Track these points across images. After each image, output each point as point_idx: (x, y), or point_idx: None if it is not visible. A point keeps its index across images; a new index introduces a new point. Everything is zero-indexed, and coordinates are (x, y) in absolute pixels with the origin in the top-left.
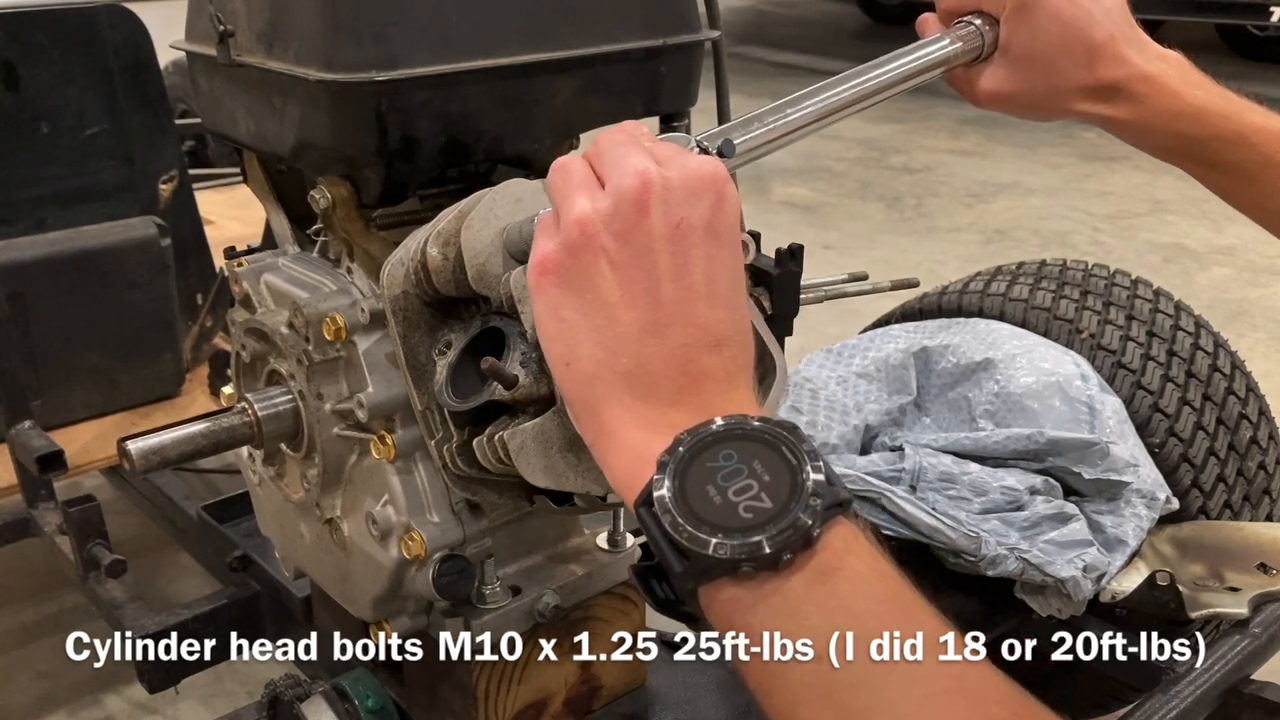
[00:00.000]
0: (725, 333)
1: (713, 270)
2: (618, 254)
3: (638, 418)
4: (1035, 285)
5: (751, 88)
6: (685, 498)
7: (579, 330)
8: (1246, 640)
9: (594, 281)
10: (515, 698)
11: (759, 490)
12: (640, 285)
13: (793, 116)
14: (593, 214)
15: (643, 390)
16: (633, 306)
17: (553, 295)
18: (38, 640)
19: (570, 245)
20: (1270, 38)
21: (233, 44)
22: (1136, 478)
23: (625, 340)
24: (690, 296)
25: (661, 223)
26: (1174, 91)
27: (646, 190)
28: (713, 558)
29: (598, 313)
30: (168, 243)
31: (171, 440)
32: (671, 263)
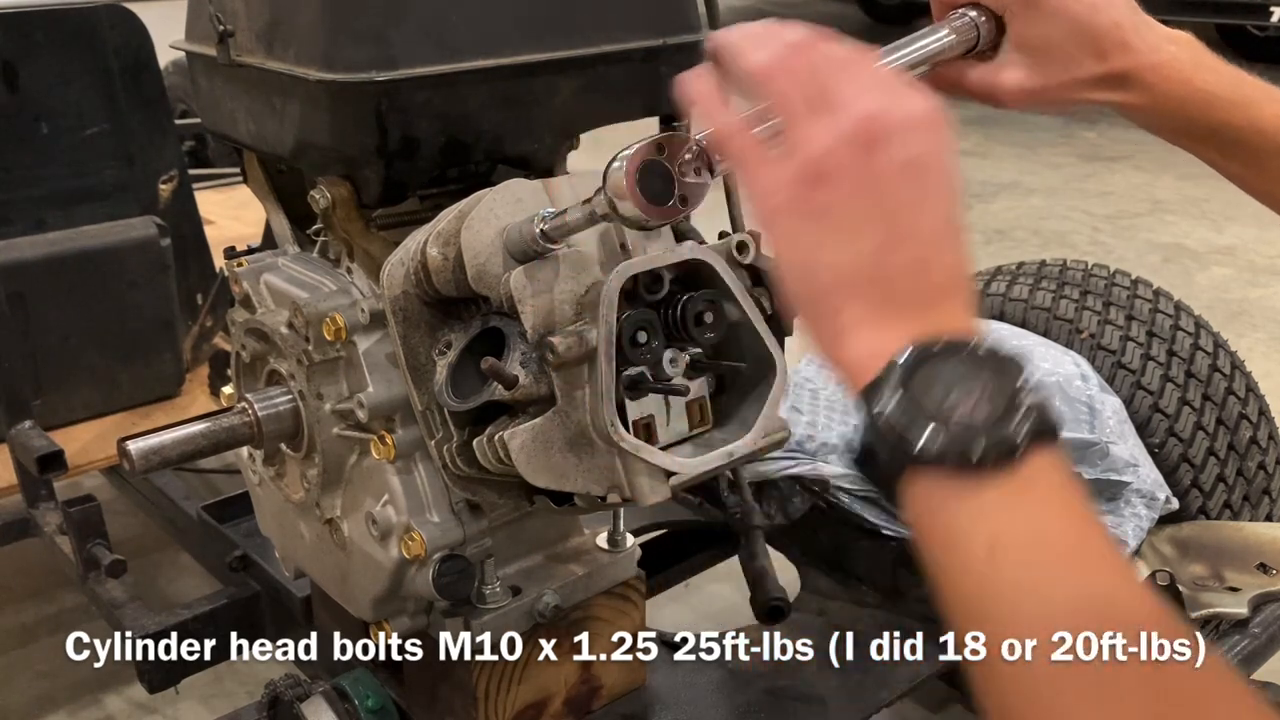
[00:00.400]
0: (955, 259)
1: (943, 200)
2: (858, 183)
3: (878, 318)
4: (1035, 285)
5: None
6: (908, 394)
7: (820, 249)
8: (1246, 640)
9: (834, 210)
10: (515, 698)
11: (979, 400)
12: (879, 211)
13: None
14: (832, 150)
15: (883, 295)
16: (874, 228)
17: (790, 222)
18: (38, 640)
19: (808, 178)
20: (1270, 38)
21: (233, 44)
22: (1136, 478)
23: (868, 254)
24: (926, 222)
25: (898, 156)
26: (1184, 78)
27: (880, 125)
28: (919, 449)
29: (840, 233)
30: (168, 243)
31: (171, 440)
32: (907, 192)
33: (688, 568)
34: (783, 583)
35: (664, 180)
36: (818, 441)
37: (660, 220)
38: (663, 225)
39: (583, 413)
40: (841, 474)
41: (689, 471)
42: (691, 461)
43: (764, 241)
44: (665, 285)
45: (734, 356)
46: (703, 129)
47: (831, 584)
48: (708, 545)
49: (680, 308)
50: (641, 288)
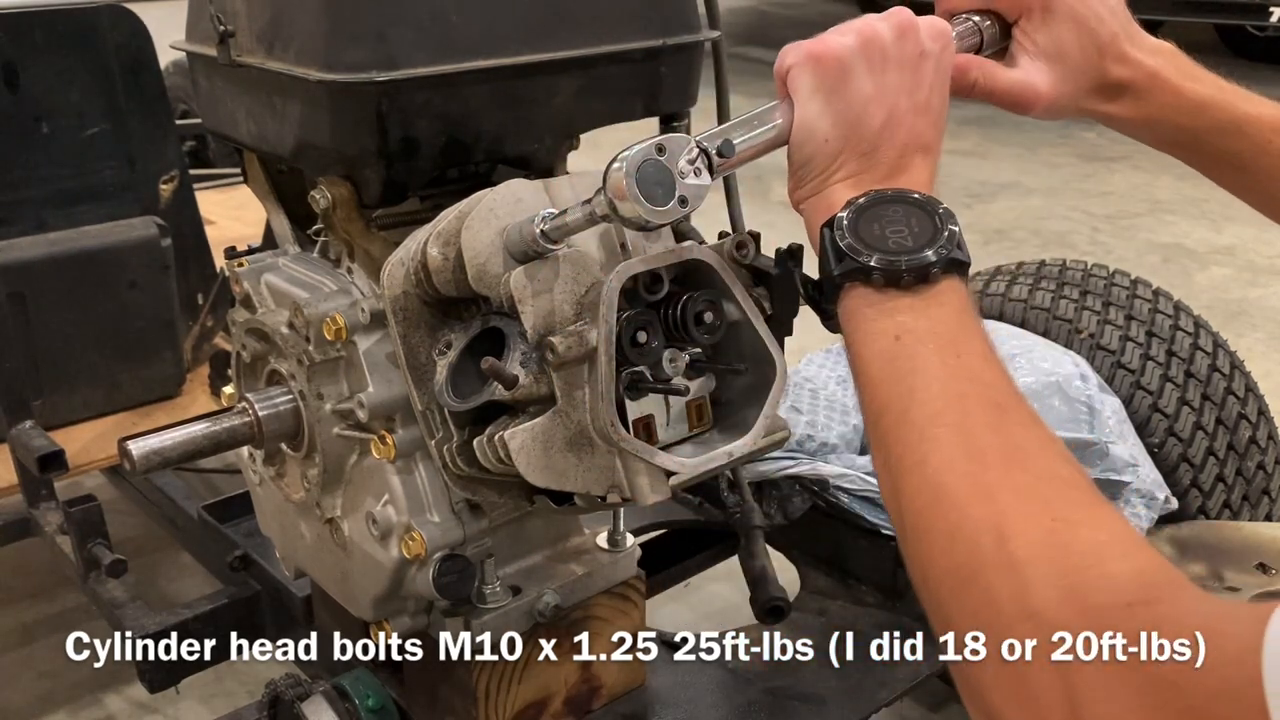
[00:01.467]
0: (933, 141)
1: (936, 94)
2: (884, 62)
3: (854, 183)
4: (1035, 285)
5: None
6: (856, 225)
7: (841, 114)
8: None
9: (861, 75)
10: (515, 698)
11: (907, 234)
12: (891, 91)
13: None
14: (878, 28)
15: (866, 165)
16: (882, 106)
17: (828, 78)
18: (38, 640)
19: (859, 43)
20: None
21: (233, 44)
22: (1136, 477)
23: (869, 130)
24: (919, 109)
25: (918, 47)
26: (1175, 87)
27: (913, 22)
28: (859, 262)
29: (856, 103)
30: (168, 243)
31: (172, 440)
32: (913, 80)
33: (688, 568)
34: (783, 583)
35: (664, 181)
36: (818, 441)
37: (660, 221)
38: (663, 226)
39: (583, 413)
40: (841, 474)
41: (689, 471)
42: (691, 461)
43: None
44: (665, 285)
45: (734, 357)
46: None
47: (831, 584)
48: (708, 545)
49: (680, 308)
50: (641, 288)
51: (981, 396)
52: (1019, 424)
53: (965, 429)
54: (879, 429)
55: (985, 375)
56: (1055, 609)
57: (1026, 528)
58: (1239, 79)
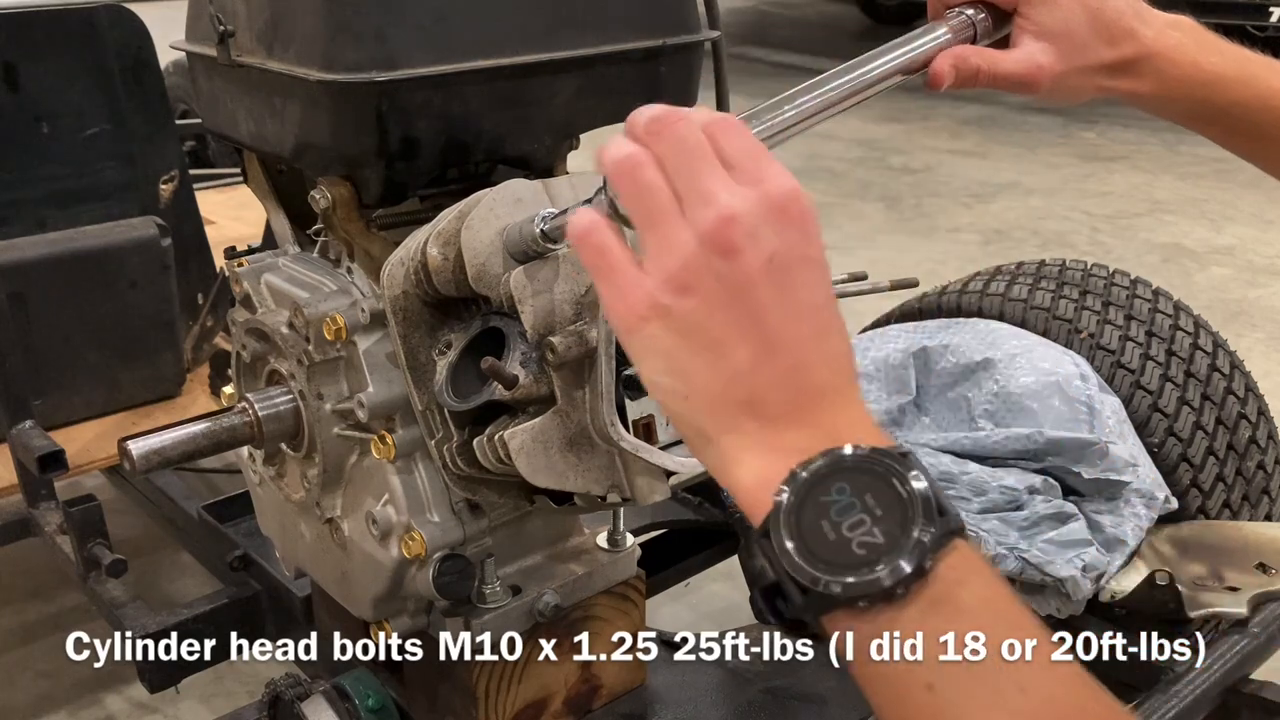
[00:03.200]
0: (831, 352)
1: (812, 294)
2: (719, 296)
3: (756, 443)
4: (1034, 285)
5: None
6: (801, 535)
7: (689, 367)
8: (1246, 640)
9: (699, 323)
10: (515, 697)
11: (871, 525)
12: (746, 321)
13: (790, 113)
14: (691, 256)
15: (758, 416)
16: (742, 341)
17: (659, 338)
18: (38, 640)
19: (675, 289)
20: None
21: (233, 44)
22: (1136, 477)
23: (738, 373)
24: (794, 323)
25: (755, 259)
26: (1192, 61)
27: (735, 227)
28: (829, 594)
29: (706, 350)
30: (168, 243)
31: (172, 440)
32: (771, 295)
33: (688, 568)
34: None
35: None
36: None
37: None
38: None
39: (583, 412)
40: None
41: (689, 471)
42: (691, 461)
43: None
44: None
45: None
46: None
47: None
48: (708, 545)
49: None
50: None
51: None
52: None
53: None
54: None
55: (1057, 693)
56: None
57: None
58: None
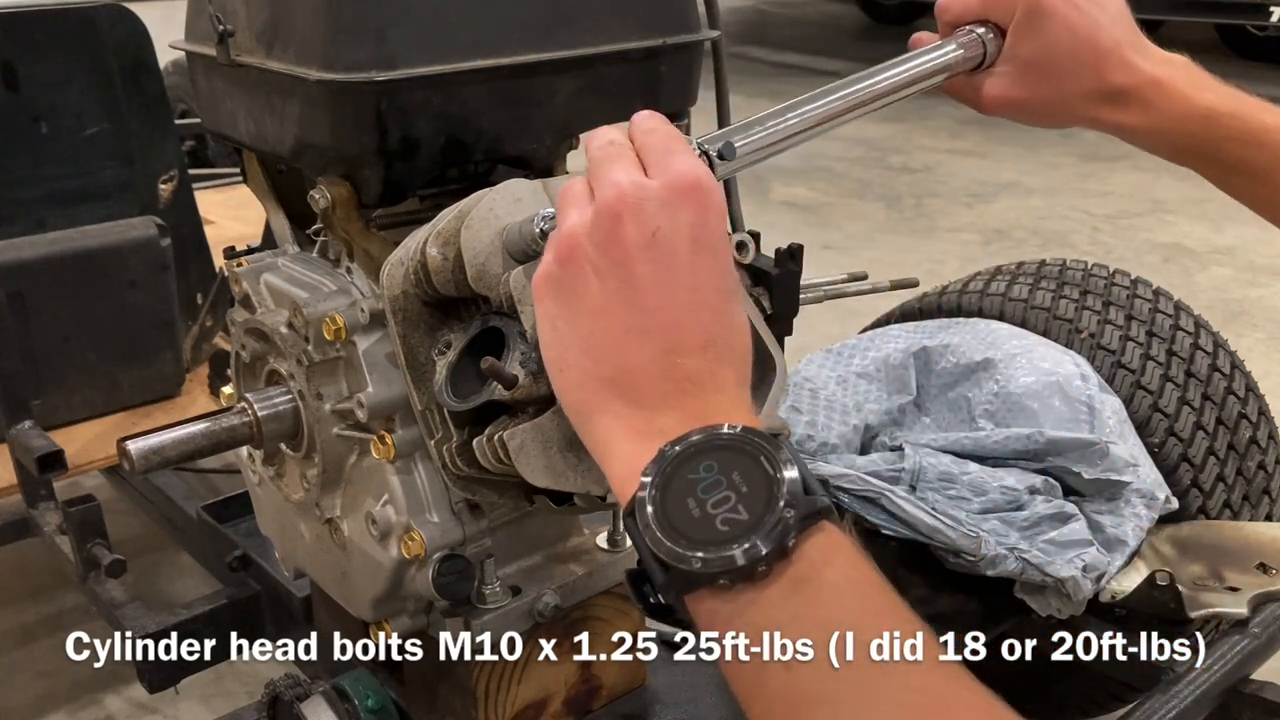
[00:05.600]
0: (709, 336)
1: (695, 276)
2: (598, 264)
3: (627, 425)
4: (1035, 285)
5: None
6: (666, 512)
7: (568, 338)
8: (1246, 640)
9: (579, 291)
10: (515, 698)
11: (736, 502)
12: (620, 294)
13: (793, 120)
14: (576, 226)
15: (628, 396)
16: (613, 314)
17: (546, 305)
18: (38, 640)
19: (559, 257)
20: (1270, 38)
21: (232, 44)
22: (1136, 477)
23: (608, 347)
24: (670, 303)
25: (637, 233)
26: (1183, 95)
27: (622, 201)
28: (691, 571)
29: (583, 321)
30: (168, 243)
31: (171, 440)
32: (650, 270)
33: None
34: None
35: None
36: (817, 441)
37: None
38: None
39: None
40: (841, 474)
41: None
42: None
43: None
44: None
45: None
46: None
47: None
48: None
49: None
50: None
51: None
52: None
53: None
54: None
55: (915, 678)
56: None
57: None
58: (1239, 79)
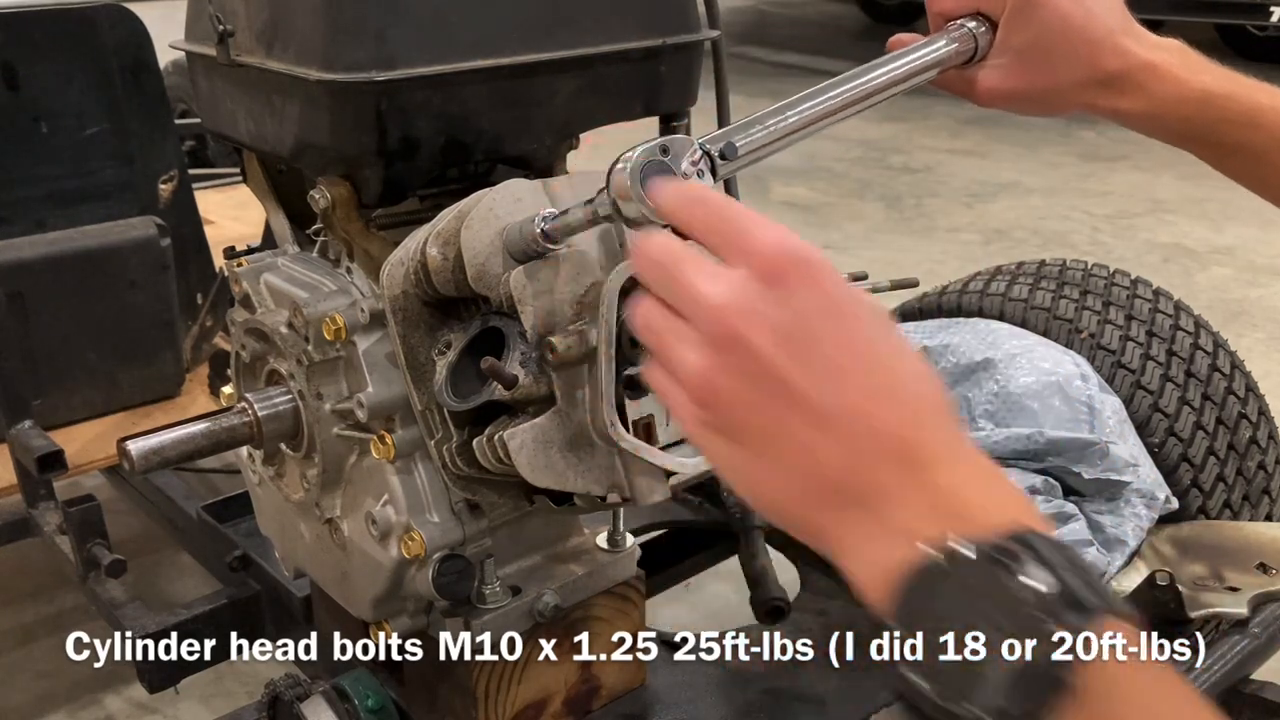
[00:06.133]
0: (899, 396)
1: (849, 346)
2: (746, 393)
3: (860, 532)
4: (1035, 285)
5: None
6: (930, 656)
7: (760, 473)
8: (1246, 640)
9: (743, 426)
10: (515, 698)
11: (989, 638)
12: (786, 409)
13: (792, 118)
14: (702, 367)
15: (849, 499)
16: (791, 429)
17: (716, 449)
18: (38, 640)
19: (704, 404)
20: (1270, 38)
21: (232, 44)
22: (1136, 477)
23: (803, 463)
24: (839, 384)
25: (767, 341)
26: (1177, 77)
27: (731, 319)
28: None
29: (765, 451)
30: (168, 243)
31: (171, 440)
32: (796, 368)
33: (688, 568)
34: (783, 583)
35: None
36: None
37: (663, 222)
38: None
39: (583, 413)
40: None
41: (689, 471)
42: (691, 461)
43: None
44: None
45: None
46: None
47: (831, 584)
48: (708, 545)
49: None
50: (641, 287)
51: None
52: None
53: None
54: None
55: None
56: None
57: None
58: None
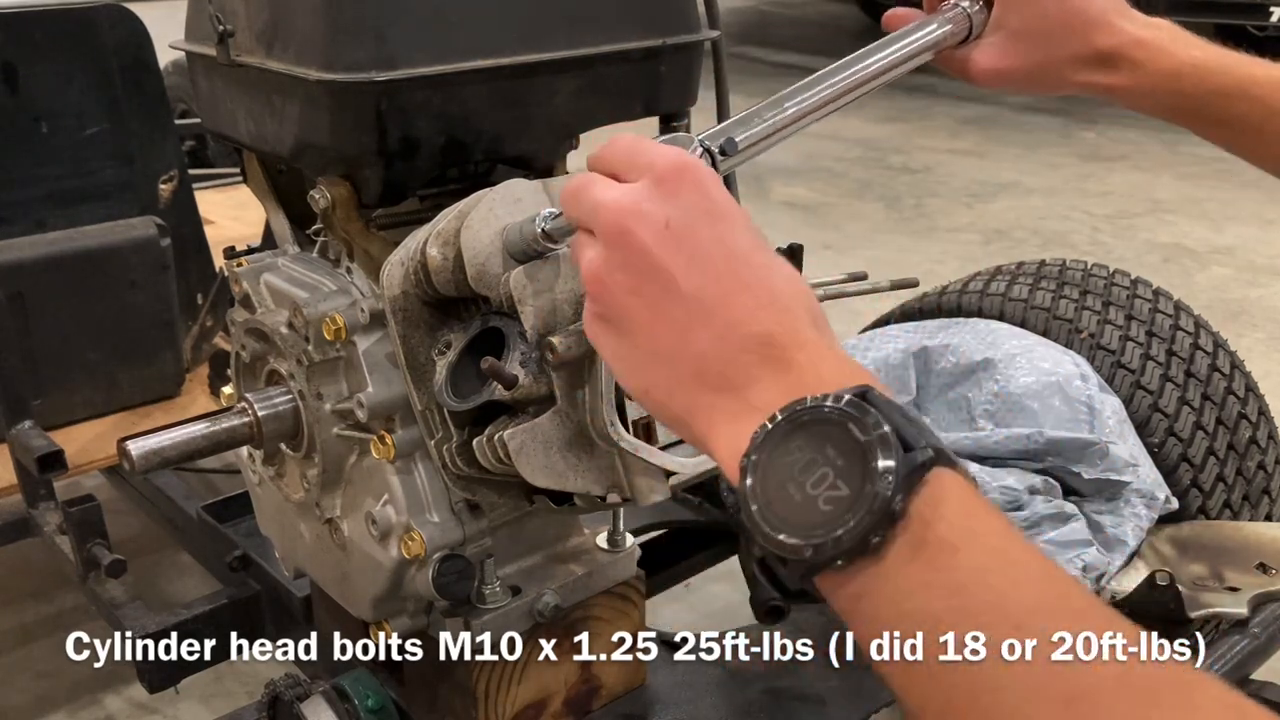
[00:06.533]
0: (765, 293)
1: (725, 244)
2: (629, 283)
3: (723, 413)
4: (1035, 285)
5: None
6: (769, 504)
7: (638, 363)
8: (1246, 640)
9: (626, 316)
10: (515, 698)
11: (834, 478)
12: (663, 296)
13: (791, 110)
14: (593, 262)
15: (713, 385)
16: (666, 317)
17: (604, 343)
18: (38, 640)
19: (593, 295)
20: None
21: (232, 44)
22: (1136, 477)
23: (674, 349)
24: (714, 278)
25: (649, 234)
26: (1169, 52)
27: (620, 214)
28: (807, 560)
29: (642, 340)
30: (168, 243)
31: (171, 440)
32: (679, 259)
33: (688, 568)
34: None
35: None
36: None
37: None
38: None
39: (583, 413)
40: None
41: (689, 471)
42: (691, 461)
43: None
44: None
45: None
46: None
47: None
48: (708, 545)
49: None
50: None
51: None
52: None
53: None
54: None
55: (1066, 607)
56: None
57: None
58: None
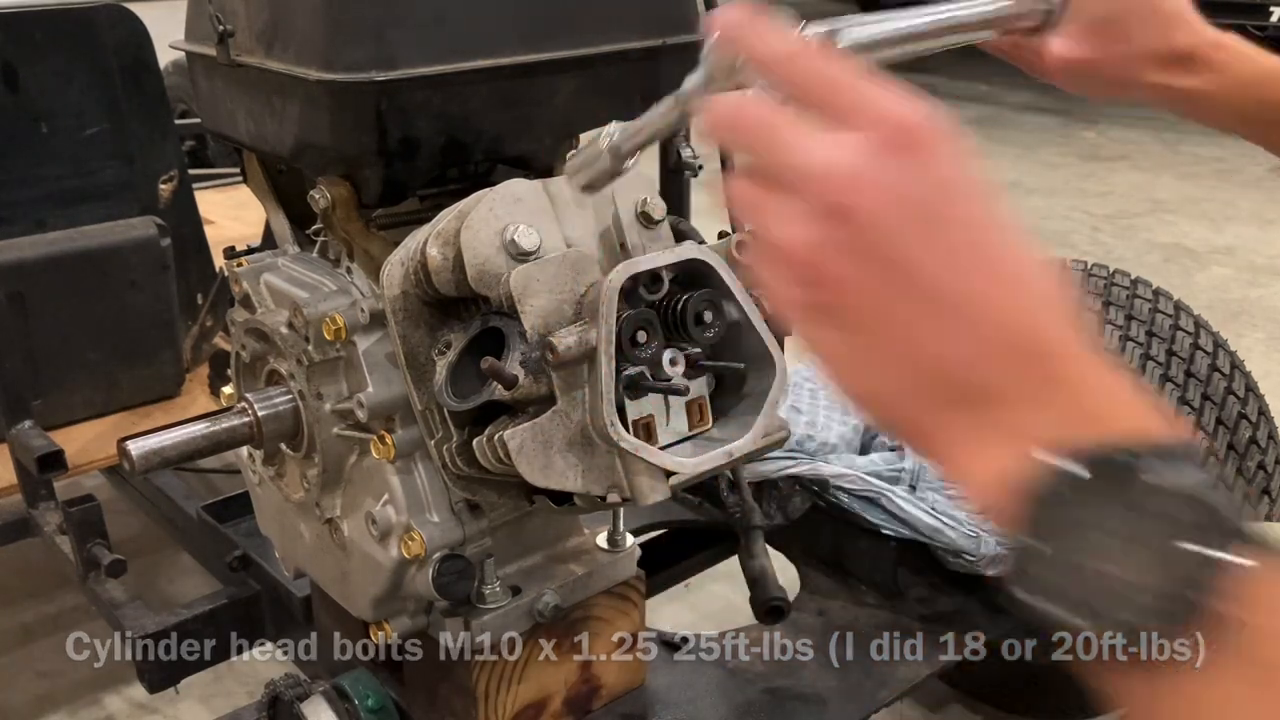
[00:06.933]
0: (1027, 287)
1: (975, 227)
2: (857, 269)
3: (972, 431)
4: None
5: None
6: (1052, 570)
7: (864, 361)
8: None
9: (852, 306)
10: (515, 698)
11: (1117, 552)
12: (900, 289)
13: (890, 29)
14: (807, 240)
15: (963, 393)
16: (905, 312)
17: (818, 335)
18: (38, 640)
19: (810, 281)
20: (1270, 38)
21: (232, 44)
22: None
23: (915, 350)
24: (963, 268)
25: (886, 213)
26: (1248, 55)
27: (845, 184)
28: (1099, 647)
29: (873, 336)
30: (168, 243)
31: (171, 440)
32: (917, 245)
33: (688, 568)
34: (783, 583)
35: None
36: (817, 441)
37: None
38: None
39: (582, 413)
40: (841, 474)
41: (688, 471)
42: (691, 461)
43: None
44: (665, 285)
45: (733, 356)
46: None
47: (831, 584)
48: (708, 545)
49: (680, 307)
50: (641, 287)
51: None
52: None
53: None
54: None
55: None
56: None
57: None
58: None
